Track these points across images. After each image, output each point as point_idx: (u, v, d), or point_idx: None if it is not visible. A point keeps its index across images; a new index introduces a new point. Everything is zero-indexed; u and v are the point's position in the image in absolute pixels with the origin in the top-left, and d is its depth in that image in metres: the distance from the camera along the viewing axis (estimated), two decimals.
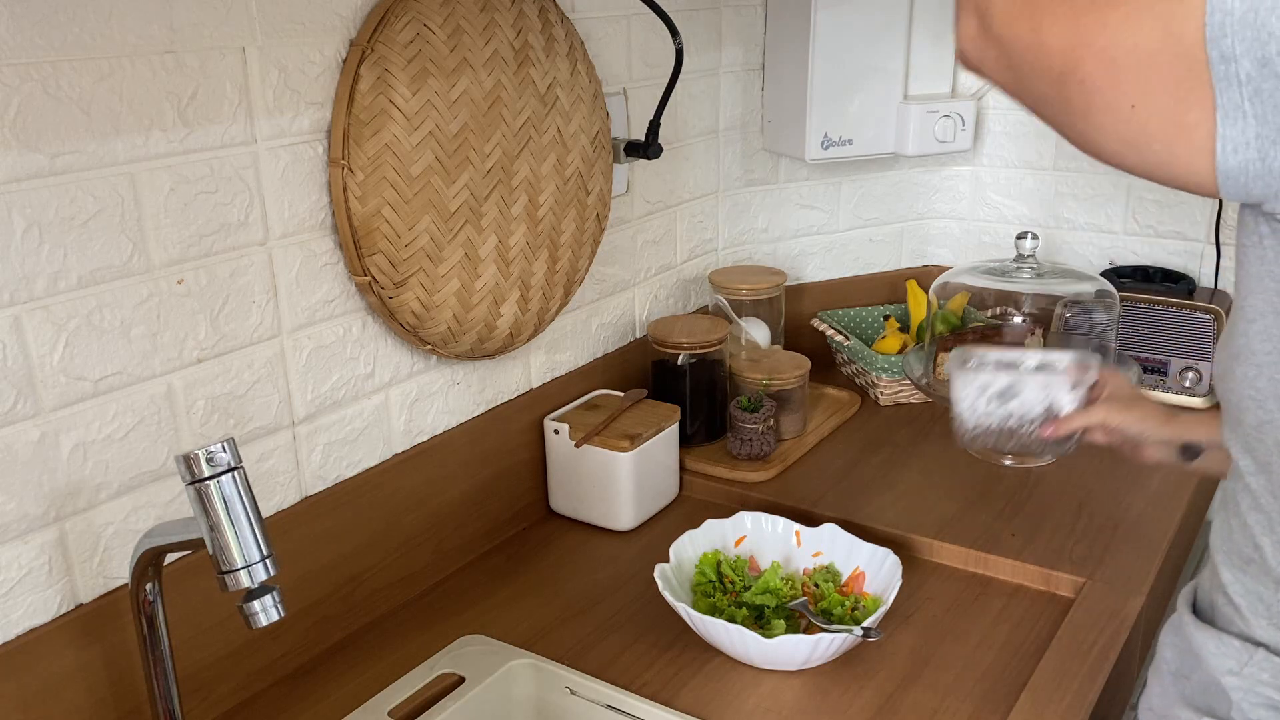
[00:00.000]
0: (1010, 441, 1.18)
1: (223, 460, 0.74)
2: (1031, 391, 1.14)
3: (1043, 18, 0.68)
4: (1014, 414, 1.16)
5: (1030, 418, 1.15)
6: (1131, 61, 0.64)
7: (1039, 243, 1.50)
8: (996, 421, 1.18)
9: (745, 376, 1.51)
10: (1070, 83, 0.67)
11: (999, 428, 1.18)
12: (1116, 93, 0.66)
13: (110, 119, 0.87)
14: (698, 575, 1.17)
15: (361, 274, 1.08)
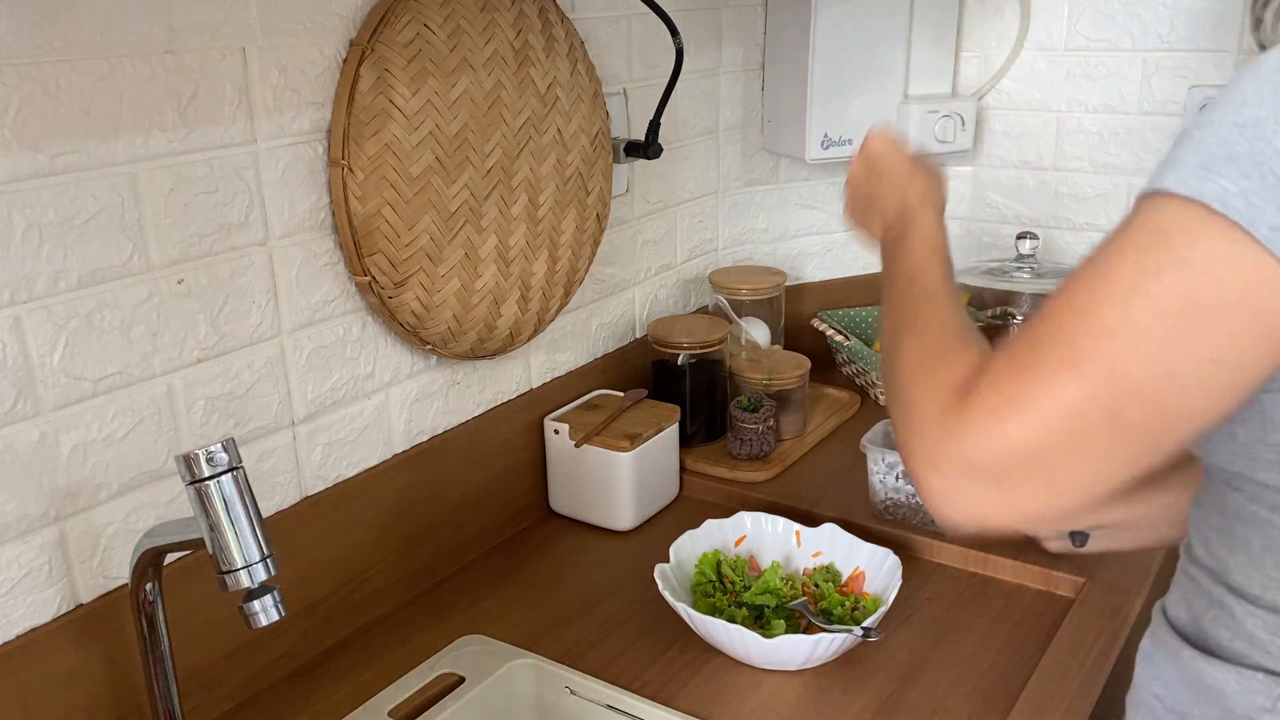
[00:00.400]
0: (918, 516, 1.30)
1: (223, 460, 0.75)
2: None
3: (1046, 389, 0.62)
4: None
5: None
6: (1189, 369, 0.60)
7: (1039, 243, 1.50)
8: (905, 497, 1.29)
9: (745, 376, 1.51)
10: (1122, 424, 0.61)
11: (908, 503, 1.30)
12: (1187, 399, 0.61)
13: (110, 119, 0.87)
14: (698, 575, 1.17)
15: (361, 274, 1.08)
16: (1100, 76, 1.73)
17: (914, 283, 0.83)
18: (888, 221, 0.94)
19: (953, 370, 0.68)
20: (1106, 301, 0.61)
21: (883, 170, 0.98)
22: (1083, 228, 1.81)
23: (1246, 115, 0.60)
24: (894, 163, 0.98)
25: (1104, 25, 1.71)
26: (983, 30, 1.80)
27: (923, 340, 0.74)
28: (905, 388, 0.71)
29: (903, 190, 0.95)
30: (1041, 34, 1.77)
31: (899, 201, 0.94)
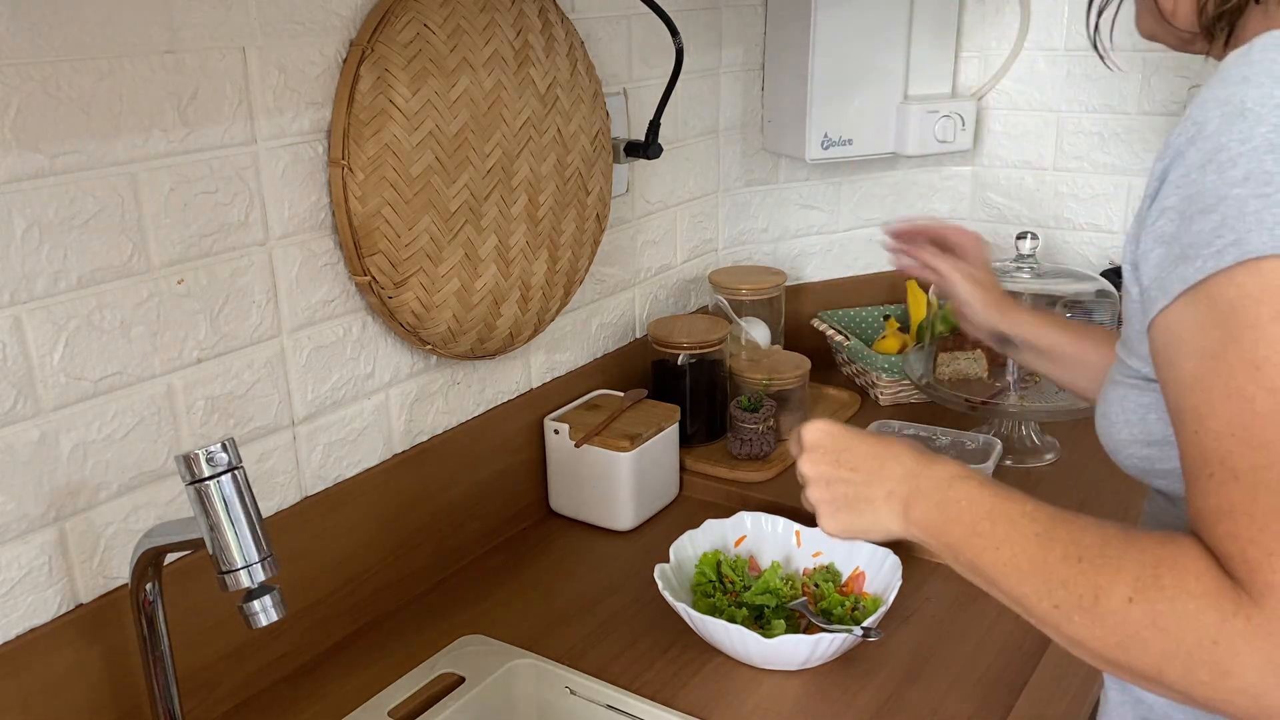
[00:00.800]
0: None
1: (223, 460, 0.75)
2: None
3: None
4: None
5: None
6: None
7: (1039, 243, 1.50)
8: None
9: (745, 376, 1.51)
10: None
11: None
12: None
13: (110, 119, 0.87)
14: (698, 575, 1.17)
15: (361, 274, 1.08)
16: (1100, 76, 1.73)
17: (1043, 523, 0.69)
18: (909, 510, 0.78)
19: (1198, 572, 0.59)
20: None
21: (847, 462, 0.83)
22: (1083, 227, 1.81)
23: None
24: (854, 449, 0.83)
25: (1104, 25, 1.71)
26: (983, 30, 1.80)
27: (1117, 566, 0.62)
28: (1149, 626, 0.60)
29: (894, 468, 0.80)
30: (1041, 34, 1.77)
31: (906, 483, 0.79)
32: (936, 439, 1.32)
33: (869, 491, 0.81)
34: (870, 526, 0.82)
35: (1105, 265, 1.79)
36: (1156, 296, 0.64)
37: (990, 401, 1.46)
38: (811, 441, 0.85)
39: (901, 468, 0.80)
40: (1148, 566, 0.61)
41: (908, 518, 0.79)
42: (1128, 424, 0.74)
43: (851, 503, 0.83)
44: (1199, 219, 0.60)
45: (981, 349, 1.52)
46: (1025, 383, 1.51)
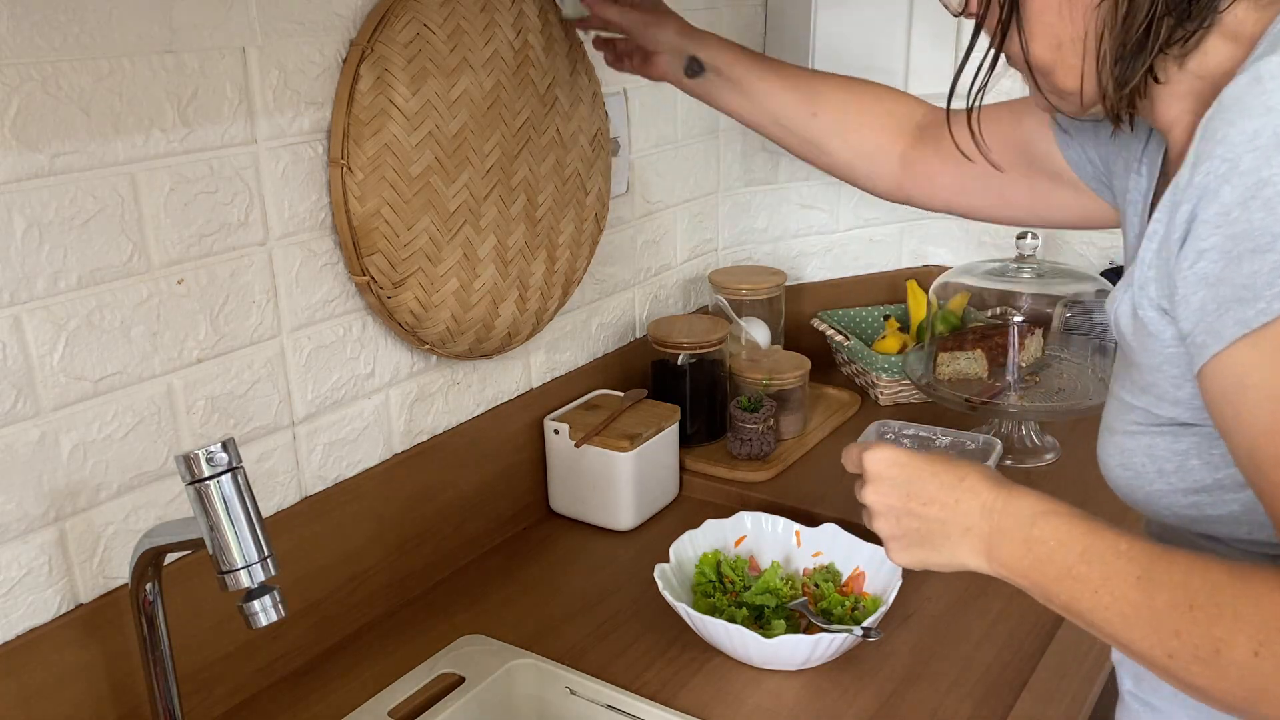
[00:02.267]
0: None
1: (222, 460, 0.74)
2: None
3: None
4: None
5: None
6: None
7: (1039, 243, 1.50)
8: None
9: (745, 376, 1.51)
10: None
11: None
12: None
13: (110, 119, 0.87)
14: (698, 575, 1.17)
15: (361, 274, 1.08)
16: None
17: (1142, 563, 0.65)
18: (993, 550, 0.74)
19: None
20: None
21: (918, 495, 0.78)
22: None
23: None
24: (926, 480, 0.78)
25: None
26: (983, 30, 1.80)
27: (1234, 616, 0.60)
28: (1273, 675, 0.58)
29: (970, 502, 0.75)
30: None
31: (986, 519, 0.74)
32: (937, 439, 1.33)
33: (945, 528, 0.77)
34: (948, 561, 0.78)
35: (1105, 265, 1.79)
36: (1206, 342, 0.61)
37: (990, 401, 1.46)
38: (876, 472, 0.80)
39: (979, 501, 0.75)
40: (1271, 618, 0.58)
41: (991, 557, 0.74)
42: (1163, 474, 0.72)
43: (926, 538, 0.78)
44: (1251, 259, 0.58)
45: (981, 349, 1.52)
46: (1025, 383, 1.51)
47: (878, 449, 0.80)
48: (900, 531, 0.79)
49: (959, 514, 0.76)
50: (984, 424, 1.55)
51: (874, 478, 0.80)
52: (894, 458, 0.79)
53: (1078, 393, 1.48)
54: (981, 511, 0.74)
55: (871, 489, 0.80)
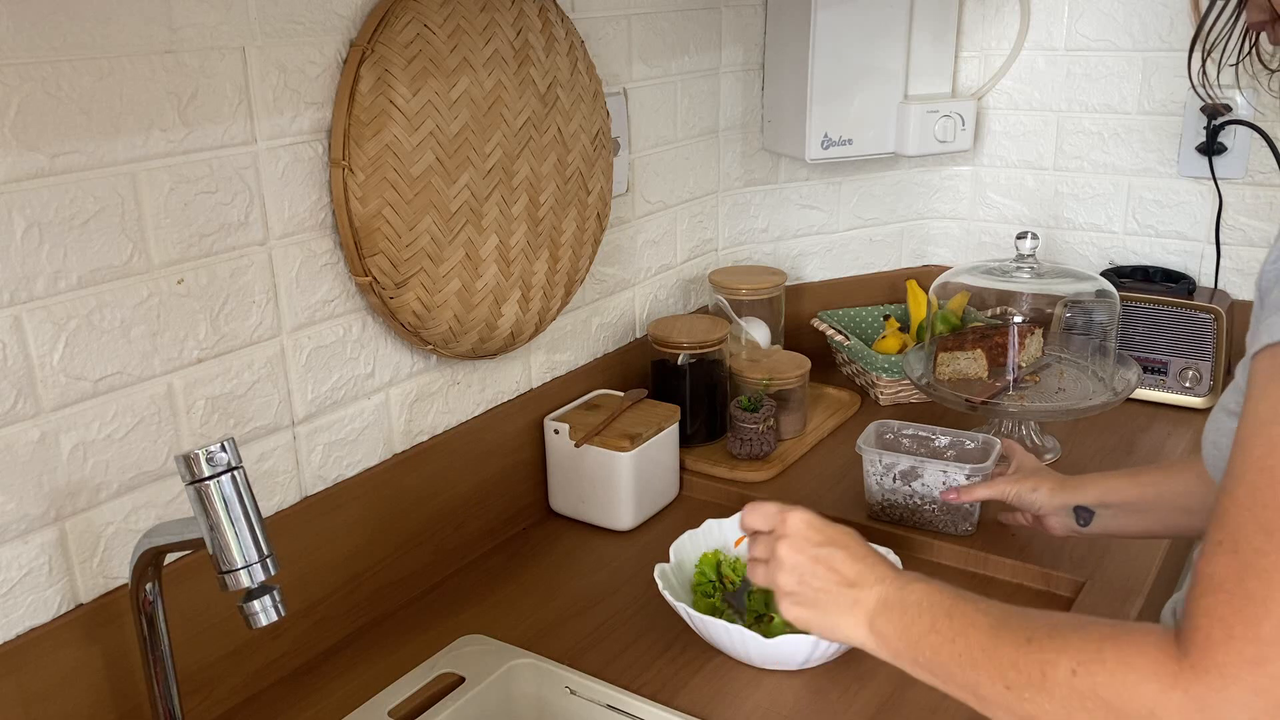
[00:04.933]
0: (914, 517, 1.32)
1: (222, 460, 0.75)
2: (932, 475, 1.27)
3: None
4: (916, 493, 1.29)
5: (931, 498, 1.28)
6: None
7: (1039, 243, 1.50)
8: (901, 498, 1.31)
9: (745, 376, 1.51)
10: None
11: (904, 504, 1.31)
12: None
13: (110, 119, 0.87)
14: (698, 575, 1.17)
15: (362, 274, 1.08)
16: (1100, 76, 1.73)
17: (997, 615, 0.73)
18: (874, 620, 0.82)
19: (1143, 647, 0.60)
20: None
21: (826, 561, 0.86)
22: (1083, 228, 1.81)
23: None
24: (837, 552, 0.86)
25: (1104, 25, 1.71)
26: (983, 30, 1.80)
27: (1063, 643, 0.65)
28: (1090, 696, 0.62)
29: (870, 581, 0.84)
30: (1041, 34, 1.77)
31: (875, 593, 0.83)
32: (936, 439, 1.33)
33: (839, 598, 0.85)
34: (831, 627, 0.86)
35: (1105, 265, 1.79)
36: (1260, 334, 0.61)
37: (990, 401, 1.46)
38: (796, 530, 0.88)
39: (876, 584, 0.83)
40: (1092, 642, 0.63)
41: (871, 628, 0.83)
42: None
43: (817, 602, 0.86)
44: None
45: (981, 349, 1.52)
46: (1025, 383, 1.51)
47: (800, 511, 0.89)
48: (798, 589, 0.87)
49: (855, 588, 0.84)
50: (984, 424, 1.55)
51: (792, 534, 0.88)
52: (814, 522, 0.88)
53: (1078, 393, 1.48)
54: (875, 590, 0.83)
55: (787, 544, 0.88)
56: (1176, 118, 1.69)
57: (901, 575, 0.83)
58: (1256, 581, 0.55)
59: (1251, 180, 1.65)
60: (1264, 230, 1.66)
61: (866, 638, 0.83)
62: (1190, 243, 1.72)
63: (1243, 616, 0.55)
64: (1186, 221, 1.72)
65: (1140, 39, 1.69)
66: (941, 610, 0.77)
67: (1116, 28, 1.70)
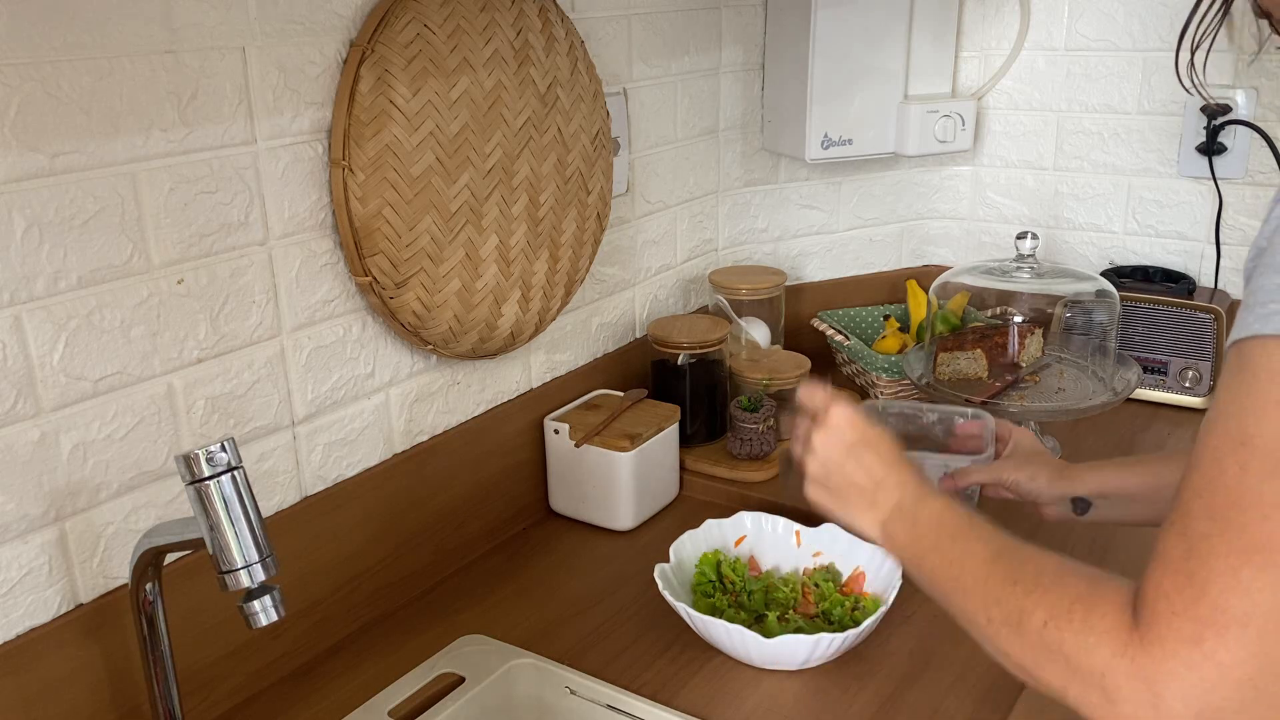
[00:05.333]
0: None
1: (223, 460, 0.75)
2: (933, 469, 1.19)
3: None
4: None
5: None
6: None
7: (1039, 243, 1.50)
8: None
9: (745, 376, 1.51)
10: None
11: None
12: None
13: (110, 119, 0.87)
14: (698, 575, 1.17)
15: (363, 274, 1.08)
16: (1100, 76, 1.73)
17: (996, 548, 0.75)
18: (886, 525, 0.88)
19: (1107, 611, 0.63)
20: (1264, 475, 0.56)
21: (856, 457, 0.91)
22: (1083, 227, 1.81)
23: None
24: (868, 453, 0.90)
25: (1104, 25, 1.71)
26: (983, 30, 1.80)
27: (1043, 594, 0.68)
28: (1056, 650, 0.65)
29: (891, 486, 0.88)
30: (1041, 34, 1.77)
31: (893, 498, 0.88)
32: (924, 415, 1.30)
33: (860, 496, 0.91)
34: (847, 520, 0.92)
35: (1105, 265, 1.79)
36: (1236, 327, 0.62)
37: (990, 401, 1.46)
38: (835, 424, 0.92)
39: (898, 490, 0.88)
40: (1065, 599, 0.66)
41: (884, 531, 0.88)
42: None
43: (840, 494, 0.92)
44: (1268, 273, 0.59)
45: (981, 349, 1.52)
46: (1025, 383, 1.51)
47: (845, 407, 0.93)
48: (824, 478, 0.93)
49: (878, 491, 0.89)
50: None
51: (831, 428, 0.92)
52: (854, 420, 0.92)
53: (1078, 393, 1.48)
54: (894, 495, 0.88)
55: (823, 435, 0.93)
56: (1176, 118, 1.69)
57: (922, 487, 0.87)
58: (1198, 563, 0.57)
59: (1251, 180, 1.65)
60: None
61: (878, 536, 0.89)
62: (1190, 243, 1.72)
63: (1184, 596, 0.57)
64: (1186, 221, 1.72)
65: (1140, 39, 1.69)
66: (947, 533, 0.81)
67: (1116, 28, 1.70)
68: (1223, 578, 0.56)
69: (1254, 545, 0.55)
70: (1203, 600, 0.56)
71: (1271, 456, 0.55)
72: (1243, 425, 0.57)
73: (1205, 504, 0.58)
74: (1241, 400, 0.58)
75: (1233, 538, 0.56)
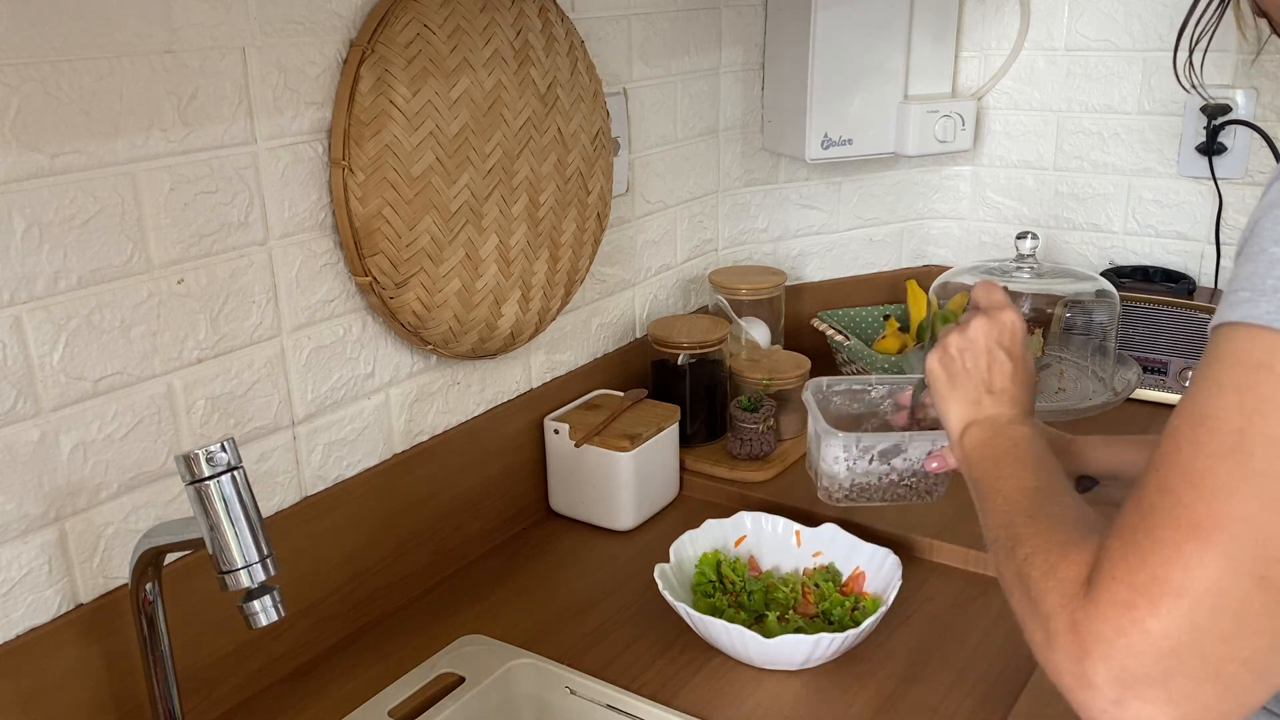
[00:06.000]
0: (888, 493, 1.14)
1: (222, 460, 0.75)
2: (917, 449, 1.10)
3: None
4: (897, 469, 1.13)
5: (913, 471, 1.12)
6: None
7: (1039, 243, 1.50)
8: (877, 478, 1.14)
9: (745, 376, 1.51)
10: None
11: (877, 483, 1.15)
12: None
13: (110, 119, 0.87)
14: (698, 575, 1.17)
15: (363, 274, 1.08)
16: (1100, 76, 1.73)
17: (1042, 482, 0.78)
18: (968, 431, 0.90)
19: (1074, 563, 0.64)
20: (1215, 455, 0.56)
21: (991, 357, 0.92)
22: (1083, 227, 1.81)
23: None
24: (1007, 359, 0.91)
25: (1104, 25, 1.71)
26: (983, 30, 1.80)
27: (1038, 530, 0.70)
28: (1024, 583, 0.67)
29: (1002, 397, 0.90)
30: (1041, 34, 1.77)
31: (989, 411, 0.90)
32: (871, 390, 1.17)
33: (972, 390, 0.91)
34: (944, 401, 0.93)
35: (1105, 265, 1.79)
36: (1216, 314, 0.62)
37: None
38: (1003, 323, 0.93)
39: (1004, 405, 0.90)
40: (1050, 542, 0.68)
41: (965, 429, 0.90)
42: None
43: (953, 376, 0.93)
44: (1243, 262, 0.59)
45: None
46: None
47: (1015, 315, 0.93)
48: (953, 358, 0.93)
49: (990, 395, 0.90)
50: None
51: (995, 322, 0.92)
52: (1015, 331, 0.93)
53: (1078, 393, 1.48)
54: (997, 409, 0.89)
55: (980, 324, 0.93)
56: (1176, 118, 1.69)
57: (1025, 415, 0.89)
58: (1145, 534, 0.58)
59: (1251, 180, 1.65)
60: None
61: (957, 433, 0.91)
62: (1190, 243, 1.72)
63: (1127, 562, 0.58)
64: (1186, 221, 1.72)
65: (1140, 39, 1.69)
66: (1013, 456, 0.83)
67: (1116, 28, 1.70)
68: (1165, 549, 0.57)
69: (1198, 521, 0.56)
70: (1142, 569, 0.57)
71: (1225, 438, 0.56)
72: (1202, 405, 0.58)
73: (1160, 477, 0.59)
74: (1204, 382, 0.59)
75: (1180, 513, 0.57)
